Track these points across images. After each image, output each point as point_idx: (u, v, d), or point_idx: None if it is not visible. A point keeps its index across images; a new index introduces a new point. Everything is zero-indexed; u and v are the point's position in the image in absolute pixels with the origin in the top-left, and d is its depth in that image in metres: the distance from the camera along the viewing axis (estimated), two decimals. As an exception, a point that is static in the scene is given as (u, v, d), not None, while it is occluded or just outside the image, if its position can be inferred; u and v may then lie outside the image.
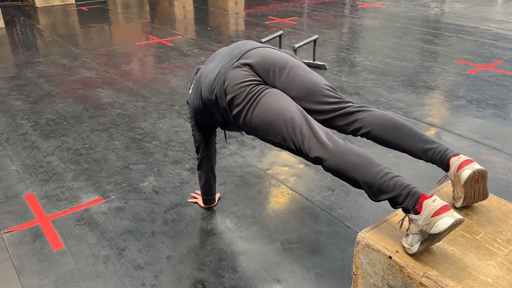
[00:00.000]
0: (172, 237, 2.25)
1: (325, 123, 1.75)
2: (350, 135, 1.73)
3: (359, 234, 1.58)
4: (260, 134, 1.71)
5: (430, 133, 3.33)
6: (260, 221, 2.37)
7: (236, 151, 3.09)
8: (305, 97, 1.72)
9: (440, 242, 1.50)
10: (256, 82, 1.70)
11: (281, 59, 1.76)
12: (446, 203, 1.39)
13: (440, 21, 6.99)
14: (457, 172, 1.58)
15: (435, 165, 1.68)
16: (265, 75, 1.73)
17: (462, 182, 1.57)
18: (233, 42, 5.87)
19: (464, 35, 6.07)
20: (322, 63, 4.80)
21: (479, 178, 1.59)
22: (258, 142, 3.21)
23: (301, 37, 6.09)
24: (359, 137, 1.75)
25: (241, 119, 1.72)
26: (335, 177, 2.74)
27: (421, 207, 1.41)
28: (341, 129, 1.75)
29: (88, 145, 3.20)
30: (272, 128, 1.65)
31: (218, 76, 1.76)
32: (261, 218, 2.39)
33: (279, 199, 2.58)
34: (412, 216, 1.43)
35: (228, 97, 1.71)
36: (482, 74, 4.54)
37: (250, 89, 1.68)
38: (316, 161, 1.60)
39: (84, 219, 2.40)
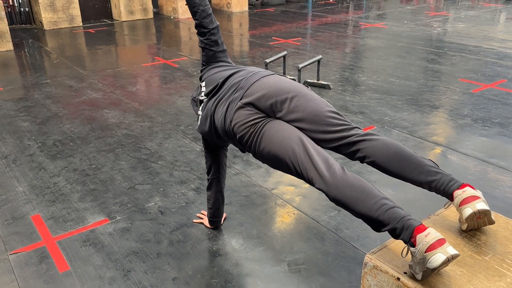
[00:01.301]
0: (178, 258, 2.24)
1: (332, 150, 1.78)
2: (358, 161, 1.76)
3: (366, 255, 1.57)
4: (273, 165, 1.78)
5: (436, 152, 3.32)
6: (266, 242, 2.35)
7: (241, 171, 3.09)
8: (309, 127, 1.74)
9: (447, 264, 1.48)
10: (259, 119, 1.76)
11: (282, 90, 1.77)
12: (440, 237, 1.38)
13: (443, 40, 7.05)
14: (459, 207, 1.58)
15: None
16: (268, 110, 1.78)
17: (464, 218, 1.57)
18: (237, 62, 5.94)
19: (467, 54, 6.11)
20: (326, 83, 4.84)
21: (481, 215, 1.58)
22: (263, 162, 3.21)
23: (305, 57, 6.15)
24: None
25: (253, 152, 1.81)
26: (341, 197, 2.73)
27: (415, 240, 1.41)
28: (348, 157, 1.78)
29: (94, 166, 3.22)
30: (280, 160, 1.71)
31: (225, 118, 1.85)
32: (267, 238, 2.38)
33: (285, 219, 2.57)
34: (411, 248, 1.43)
35: (238, 136, 1.81)
36: (487, 92, 4.55)
37: (253, 127, 1.76)
38: (318, 188, 1.63)
39: (90, 240, 2.40)
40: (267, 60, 4.64)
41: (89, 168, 3.18)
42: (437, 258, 1.35)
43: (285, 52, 5.01)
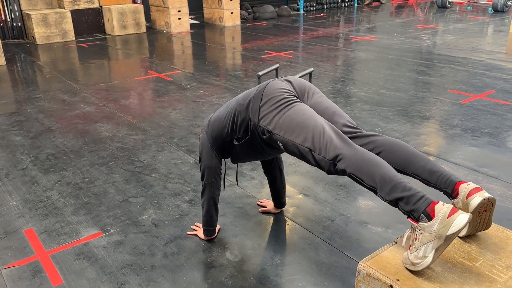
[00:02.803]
0: (172, 270, 2.24)
1: None
2: None
3: (359, 263, 1.59)
4: (282, 132, 1.81)
5: (427, 162, 3.36)
6: (261, 253, 2.36)
7: (235, 182, 3.11)
8: (329, 119, 1.89)
9: (440, 268, 1.50)
10: (293, 94, 1.93)
11: (312, 86, 2.05)
12: (452, 205, 1.47)
13: (432, 52, 7.17)
14: (466, 199, 1.61)
15: (436, 191, 1.71)
16: (301, 94, 1.97)
17: (471, 209, 1.59)
18: (230, 76, 5.99)
19: (456, 66, 6.21)
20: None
21: (487, 206, 1.62)
22: (257, 173, 3.23)
23: (297, 70, 6.22)
24: None
25: (270, 117, 1.86)
26: (335, 207, 2.76)
27: (433, 211, 1.46)
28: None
29: (87, 179, 3.22)
30: (300, 127, 1.77)
31: (260, 86, 1.97)
32: (261, 249, 2.39)
33: (278, 229, 2.58)
34: (424, 224, 1.46)
35: (265, 99, 1.89)
36: (476, 103, 4.63)
37: (288, 95, 1.88)
38: (334, 159, 1.66)
39: (83, 253, 2.39)
40: (260, 73, 4.69)
41: (82, 182, 3.18)
42: (461, 218, 1.41)
43: (277, 65, 5.07)
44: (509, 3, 11.75)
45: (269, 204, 2.73)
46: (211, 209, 2.35)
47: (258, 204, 2.80)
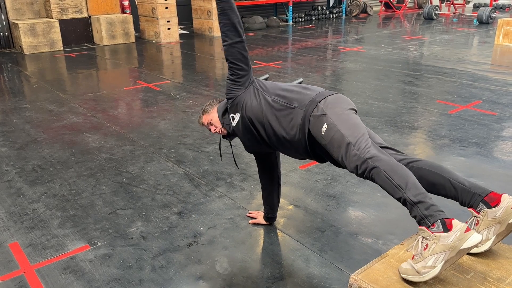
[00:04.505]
0: (161, 284, 2.20)
1: None
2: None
3: (351, 276, 1.57)
4: (335, 119, 1.88)
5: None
6: (251, 265, 2.33)
7: (225, 193, 3.08)
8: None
9: (431, 281, 1.50)
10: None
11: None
12: (467, 225, 1.53)
13: (419, 63, 7.26)
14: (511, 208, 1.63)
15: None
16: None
17: None
18: (220, 86, 5.99)
19: (443, 77, 6.29)
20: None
21: None
22: (247, 184, 3.21)
23: (286, 80, 6.24)
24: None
25: (332, 106, 1.94)
26: (325, 218, 2.74)
27: (451, 224, 1.50)
28: None
29: (74, 191, 3.16)
30: (351, 125, 1.86)
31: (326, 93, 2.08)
32: (252, 262, 2.36)
33: (269, 241, 2.55)
34: (441, 234, 1.49)
35: (334, 96, 2.03)
36: (463, 113, 4.68)
37: (354, 107, 2.04)
38: (369, 158, 1.70)
39: (70, 267, 2.34)
40: (249, 83, 4.69)
41: (69, 194, 3.13)
42: (475, 236, 1.48)
43: (267, 75, 5.07)
44: (493, 15, 11.98)
45: (259, 216, 2.71)
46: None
47: (248, 216, 2.78)
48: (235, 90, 2.14)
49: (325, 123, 1.88)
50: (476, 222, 1.68)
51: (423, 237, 1.54)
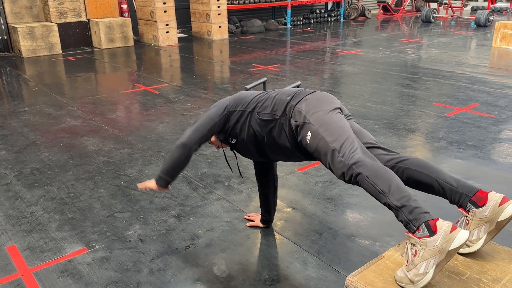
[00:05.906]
0: (159, 287, 2.20)
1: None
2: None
3: (347, 278, 1.58)
4: (318, 125, 1.86)
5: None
6: (249, 268, 2.34)
7: (223, 196, 3.09)
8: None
9: (428, 283, 1.50)
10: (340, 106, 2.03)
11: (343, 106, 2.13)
12: (451, 223, 1.52)
13: (417, 66, 7.28)
14: (499, 206, 1.63)
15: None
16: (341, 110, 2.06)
17: (504, 217, 1.62)
18: (219, 89, 6.00)
19: (441, 79, 6.31)
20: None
21: None
22: (245, 187, 3.22)
23: (284, 83, 6.26)
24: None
25: (313, 110, 1.91)
26: (323, 221, 2.75)
27: (435, 226, 1.49)
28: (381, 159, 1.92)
29: (72, 194, 3.17)
30: (335, 129, 1.84)
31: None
32: (250, 264, 2.37)
33: (267, 244, 2.56)
34: (427, 239, 1.48)
35: (313, 95, 2.00)
36: (460, 116, 4.70)
37: (338, 105, 2.00)
38: (354, 164, 1.70)
39: (68, 270, 2.34)
40: (248, 86, 4.70)
41: (67, 197, 3.13)
42: (462, 234, 1.46)
43: (265, 78, 5.09)
44: (491, 18, 12.03)
45: (257, 218, 2.72)
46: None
47: (246, 218, 2.79)
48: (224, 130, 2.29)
49: (309, 131, 1.88)
50: (467, 222, 1.69)
51: (411, 243, 1.54)
